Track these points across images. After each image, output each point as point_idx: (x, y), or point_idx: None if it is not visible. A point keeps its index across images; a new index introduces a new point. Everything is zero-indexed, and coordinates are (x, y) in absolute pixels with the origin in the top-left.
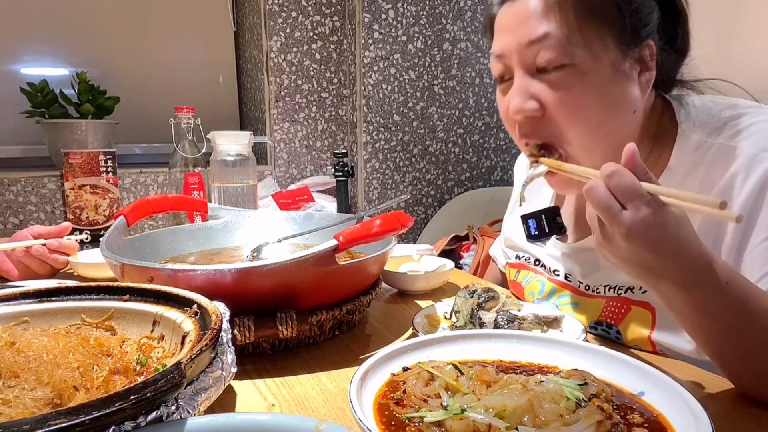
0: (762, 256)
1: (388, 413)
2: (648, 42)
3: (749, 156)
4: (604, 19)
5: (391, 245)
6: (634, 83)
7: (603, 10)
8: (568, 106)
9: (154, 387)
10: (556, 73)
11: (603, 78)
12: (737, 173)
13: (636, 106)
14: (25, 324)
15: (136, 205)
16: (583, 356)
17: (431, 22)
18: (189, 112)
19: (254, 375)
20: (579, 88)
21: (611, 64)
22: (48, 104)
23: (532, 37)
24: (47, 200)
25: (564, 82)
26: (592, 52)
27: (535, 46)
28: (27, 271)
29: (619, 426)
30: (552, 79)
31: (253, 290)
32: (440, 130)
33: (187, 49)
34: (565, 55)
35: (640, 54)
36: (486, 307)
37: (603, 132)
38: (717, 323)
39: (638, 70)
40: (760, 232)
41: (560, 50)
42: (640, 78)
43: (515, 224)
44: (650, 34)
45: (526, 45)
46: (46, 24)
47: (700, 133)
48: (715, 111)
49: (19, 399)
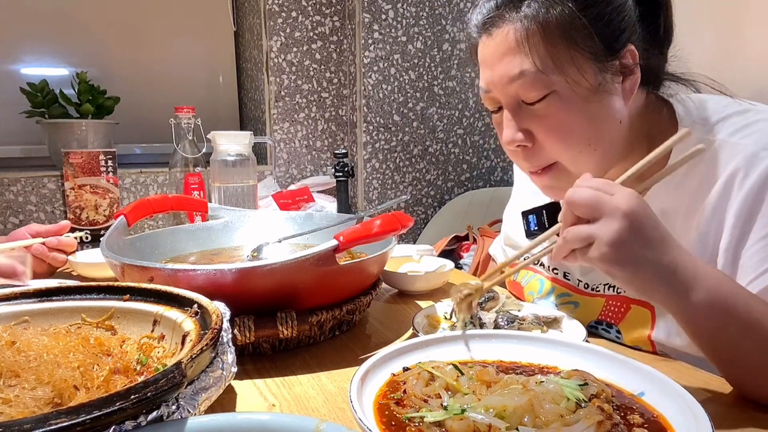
0: (759, 254)
1: (389, 413)
2: (627, 48)
3: (750, 154)
4: (574, 43)
5: (391, 245)
6: (618, 93)
7: (571, 35)
8: (556, 133)
9: (154, 386)
10: (540, 103)
11: (584, 99)
12: (737, 171)
13: (621, 115)
14: (26, 323)
15: (136, 205)
16: (583, 356)
17: (431, 23)
18: (189, 112)
19: (254, 375)
20: (563, 113)
21: (591, 83)
22: (48, 104)
23: (510, 75)
24: (47, 200)
25: (548, 111)
26: (569, 77)
27: (515, 83)
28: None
29: (620, 426)
30: (537, 109)
31: (253, 290)
32: (440, 131)
33: (187, 49)
34: (544, 87)
35: (620, 63)
36: (486, 308)
37: (593, 147)
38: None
39: (621, 78)
40: (759, 230)
41: (538, 84)
42: (624, 85)
43: (515, 223)
44: (629, 39)
45: (507, 82)
46: (46, 24)
47: (700, 131)
48: (715, 109)
49: (20, 398)
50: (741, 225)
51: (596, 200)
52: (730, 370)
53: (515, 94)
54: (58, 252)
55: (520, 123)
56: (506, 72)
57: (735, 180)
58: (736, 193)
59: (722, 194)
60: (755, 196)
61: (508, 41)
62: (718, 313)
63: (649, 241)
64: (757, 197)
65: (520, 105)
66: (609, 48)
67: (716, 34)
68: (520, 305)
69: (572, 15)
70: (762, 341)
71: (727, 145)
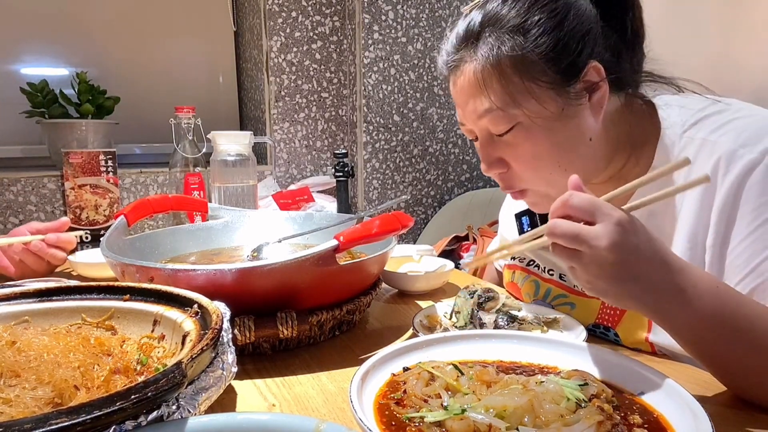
0: (744, 255)
1: (389, 413)
2: (590, 65)
3: (729, 151)
4: (529, 76)
5: (391, 245)
6: (585, 111)
7: (525, 69)
8: (526, 160)
9: (155, 386)
10: (508, 134)
11: (548, 128)
12: (718, 168)
13: (592, 132)
14: (26, 323)
15: (137, 205)
16: (583, 357)
17: (431, 25)
18: (189, 112)
19: (255, 375)
20: (529, 143)
21: (552, 111)
22: (48, 104)
23: (476, 113)
24: (47, 200)
25: (516, 141)
26: (529, 110)
27: (482, 119)
28: (24, 268)
29: (620, 426)
30: (506, 140)
31: (253, 290)
32: (440, 131)
33: (187, 49)
34: (508, 120)
35: (584, 81)
36: (486, 308)
37: (563, 168)
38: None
39: (587, 96)
40: (741, 229)
41: (502, 118)
42: (591, 100)
43: (509, 224)
44: (590, 56)
45: (476, 119)
46: (46, 24)
47: (682, 130)
48: (694, 108)
49: (20, 398)
50: (725, 220)
51: (576, 237)
52: (726, 377)
53: (485, 128)
54: (57, 249)
55: (493, 153)
56: (472, 110)
57: (717, 177)
58: (718, 190)
59: (706, 191)
60: (735, 194)
61: (468, 82)
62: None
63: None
64: (736, 195)
65: (492, 137)
66: (568, 74)
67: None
68: (520, 305)
69: (523, 50)
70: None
71: (708, 144)
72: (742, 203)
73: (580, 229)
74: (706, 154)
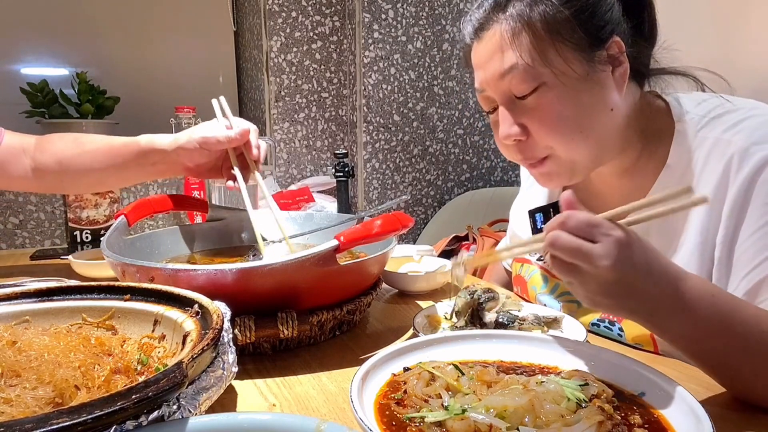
0: (752, 249)
1: (389, 413)
2: (613, 39)
3: (741, 149)
4: (559, 36)
5: (391, 246)
6: (608, 82)
7: (556, 28)
8: (548, 124)
9: (155, 386)
10: (531, 96)
11: (573, 89)
12: (730, 165)
13: (613, 103)
14: (26, 323)
15: (137, 205)
16: (583, 357)
17: (431, 23)
18: (189, 111)
19: (255, 375)
20: (553, 104)
21: (578, 73)
22: (48, 104)
23: (500, 70)
24: (47, 200)
25: (539, 103)
26: (557, 69)
27: (506, 78)
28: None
29: (620, 426)
30: (529, 102)
31: (254, 290)
32: (440, 131)
33: (187, 49)
34: (533, 79)
35: (607, 53)
36: (486, 308)
37: (585, 135)
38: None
39: (610, 68)
40: (750, 224)
41: (528, 77)
42: (614, 74)
43: (521, 221)
44: (614, 31)
45: (498, 78)
46: (46, 24)
47: (696, 129)
48: (708, 107)
49: (21, 398)
50: (735, 216)
51: (577, 253)
52: (726, 381)
53: (507, 90)
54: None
55: (515, 118)
56: (497, 69)
57: (729, 174)
58: (731, 187)
59: (719, 188)
60: (746, 190)
61: (497, 40)
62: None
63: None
64: (747, 191)
65: (513, 100)
66: (594, 39)
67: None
68: (520, 305)
69: (555, 9)
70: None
71: (721, 142)
72: (753, 199)
73: (580, 245)
74: (719, 152)
